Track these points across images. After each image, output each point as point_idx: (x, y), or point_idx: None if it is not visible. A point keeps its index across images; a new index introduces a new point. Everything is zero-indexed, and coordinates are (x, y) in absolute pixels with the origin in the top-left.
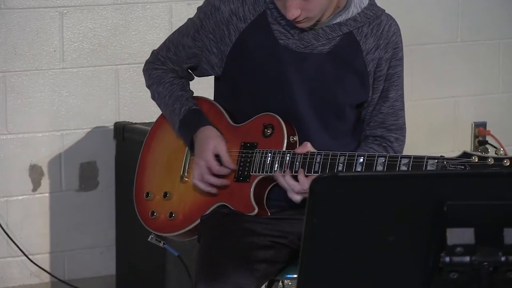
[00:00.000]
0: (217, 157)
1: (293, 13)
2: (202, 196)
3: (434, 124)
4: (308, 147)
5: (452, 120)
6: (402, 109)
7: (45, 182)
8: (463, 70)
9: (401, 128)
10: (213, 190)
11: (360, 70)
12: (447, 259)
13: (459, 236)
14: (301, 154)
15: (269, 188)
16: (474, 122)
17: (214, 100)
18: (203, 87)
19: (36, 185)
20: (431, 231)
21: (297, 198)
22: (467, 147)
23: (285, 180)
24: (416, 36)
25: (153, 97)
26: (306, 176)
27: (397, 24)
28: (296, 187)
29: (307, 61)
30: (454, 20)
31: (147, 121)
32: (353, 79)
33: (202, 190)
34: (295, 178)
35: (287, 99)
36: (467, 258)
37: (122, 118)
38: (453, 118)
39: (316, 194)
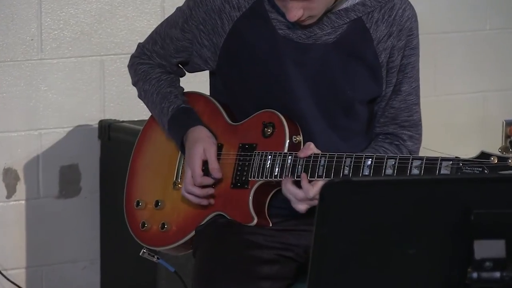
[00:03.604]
0: (207, 163)
1: (294, 14)
2: (197, 205)
3: (460, 122)
4: (311, 148)
5: (480, 118)
6: (417, 104)
7: (21, 187)
8: (492, 61)
9: (416, 125)
10: (203, 202)
11: (371, 61)
12: (475, 274)
13: (488, 249)
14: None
15: (270, 195)
16: (505, 120)
17: (210, 95)
18: (199, 80)
19: (10, 191)
20: (456, 243)
21: (301, 208)
22: (497, 148)
23: (286, 188)
24: (439, 23)
25: (140, 96)
26: (310, 181)
27: (412, 8)
28: (299, 194)
29: (310, 53)
30: (482, 5)
31: (136, 119)
32: (363, 71)
33: None
34: (298, 184)
35: (287, 96)
36: (497, 274)
37: (108, 116)
38: (482, 115)
39: (326, 201)
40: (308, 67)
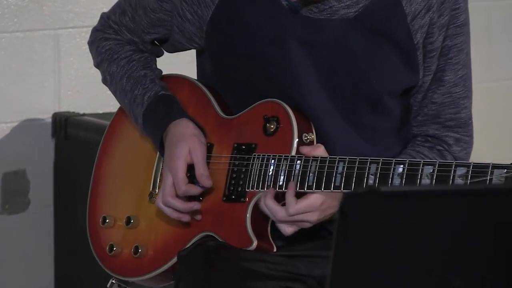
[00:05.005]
0: (192, 167)
1: None
2: (180, 223)
3: None
4: (320, 151)
5: None
6: (466, 97)
7: None
8: None
9: (465, 125)
10: (184, 218)
11: (403, 42)
12: None
13: None
14: (316, 161)
15: None
16: None
17: (197, 80)
18: (183, 60)
19: None
20: None
21: (285, 229)
22: None
23: (266, 203)
24: None
25: (104, 81)
26: (305, 194)
27: None
28: (278, 213)
29: (324, 31)
30: None
31: (101, 112)
32: (393, 55)
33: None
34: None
35: (292, 87)
36: None
37: (64, 107)
38: None
39: (347, 218)
40: (320, 50)
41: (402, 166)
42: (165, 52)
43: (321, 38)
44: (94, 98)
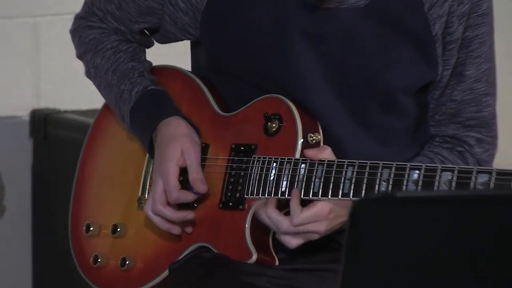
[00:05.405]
0: (186, 171)
1: None
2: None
3: None
4: (326, 153)
5: None
6: (489, 94)
7: None
8: None
9: (488, 125)
10: (174, 230)
11: (420, 33)
12: None
13: None
14: (323, 164)
15: None
16: None
17: (192, 73)
18: (176, 52)
19: None
20: None
21: (290, 241)
22: None
23: (267, 213)
24: None
25: (88, 74)
26: (310, 202)
27: None
28: (283, 224)
29: (332, 22)
30: None
31: (85, 108)
32: (409, 48)
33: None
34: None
35: (294, 83)
36: None
37: (43, 104)
38: None
39: (359, 227)
40: (327, 42)
41: (417, 171)
42: (155, 42)
43: (328, 29)
44: (77, 93)
